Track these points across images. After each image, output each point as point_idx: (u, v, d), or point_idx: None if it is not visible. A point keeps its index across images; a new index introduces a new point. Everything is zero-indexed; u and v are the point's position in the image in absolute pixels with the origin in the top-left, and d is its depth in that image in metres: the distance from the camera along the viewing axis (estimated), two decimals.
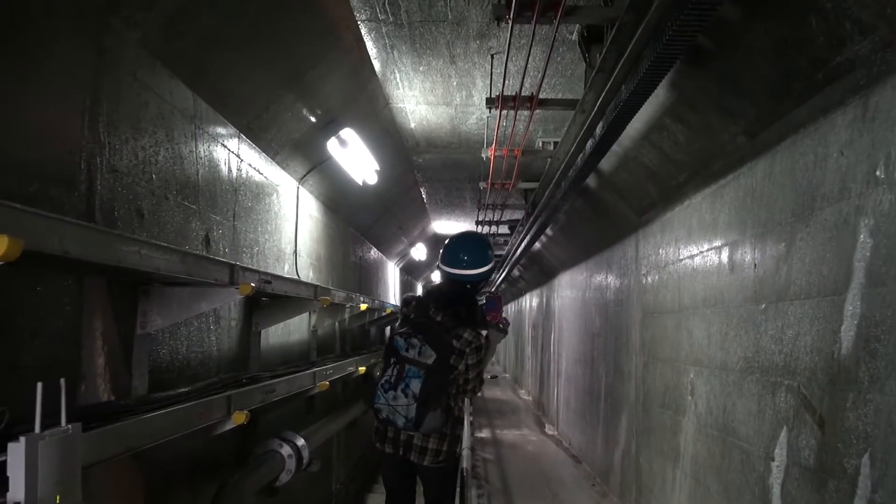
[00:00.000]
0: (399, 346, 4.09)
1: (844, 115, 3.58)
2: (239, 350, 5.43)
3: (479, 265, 4.37)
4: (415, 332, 4.11)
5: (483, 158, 8.20)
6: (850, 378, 3.47)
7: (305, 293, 5.49)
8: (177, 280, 3.41)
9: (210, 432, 3.64)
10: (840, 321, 3.57)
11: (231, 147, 5.28)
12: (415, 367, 4.01)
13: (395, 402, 4.00)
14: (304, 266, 7.59)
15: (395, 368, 4.06)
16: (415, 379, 3.99)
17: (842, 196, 3.59)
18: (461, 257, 4.36)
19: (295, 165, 6.90)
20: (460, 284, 4.37)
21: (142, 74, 3.73)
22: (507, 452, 12.03)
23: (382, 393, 4.05)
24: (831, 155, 3.70)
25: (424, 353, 4.03)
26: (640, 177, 6.57)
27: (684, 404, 5.91)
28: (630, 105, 4.25)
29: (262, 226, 6.12)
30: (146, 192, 3.80)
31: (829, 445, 3.65)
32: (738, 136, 4.72)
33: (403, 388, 4.00)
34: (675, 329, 6.21)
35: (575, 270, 12.02)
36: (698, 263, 5.65)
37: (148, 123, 3.84)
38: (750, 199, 4.68)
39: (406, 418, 4.01)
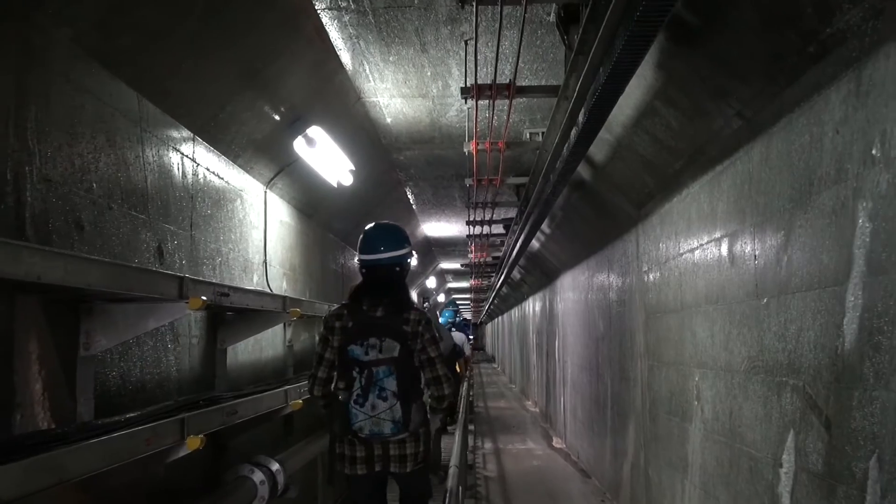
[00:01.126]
0: (357, 355, 4.15)
1: (838, 91, 3.57)
2: (202, 370, 5.41)
3: (401, 245, 4.53)
4: (367, 335, 4.19)
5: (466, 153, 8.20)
6: (854, 375, 3.46)
7: (272, 305, 5.47)
8: (120, 296, 3.39)
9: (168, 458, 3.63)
10: (842, 313, 3.56)
11: (185, 150, 5.26)
12: (383, 367, 4.12)
13: (375, 410, 4.10)
14: (275, 276, 7.57)
15: (362, 378, 4.13)
16: (387, 378, 4.11)
17: (839, 178, 3.57)
18: (383, 241, 4.52)
19: (260, 168, 6.89)
20: (388, 269, 4.47)
21: (76, 75, 3.72)
22: (511, 468, 12.01)
23: (359, 409, 4.11)
24: (826, 134, 3.69)
25: (387, 348, 4.15)
26: (636, 167, 6.56)
27: (691, 410, 5.89)
28: (610, 89, 4.24)
29: (224, 234, 6.10)
30: (86, 203, 3.79)
31: (836, 448, 3.64)
32: (733, 118, 4.71)
33: (379, 393, 4.10)
34: (678, 329, 6.20)
35: (576, 270, 12.02)
36: (699, 257, 5.64)
37: (85, 128, 3.83)
38: (748, 186, 4.67)
39: (393, 422, 4.11)
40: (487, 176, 9.34)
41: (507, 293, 27.81)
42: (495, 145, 7.60)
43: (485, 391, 28.15)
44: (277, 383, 6.35)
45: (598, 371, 10.15)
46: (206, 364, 5.49)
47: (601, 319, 9.78)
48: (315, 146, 7.16)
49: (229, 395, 4.96)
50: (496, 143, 7.58)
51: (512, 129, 9.23)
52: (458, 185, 12.88)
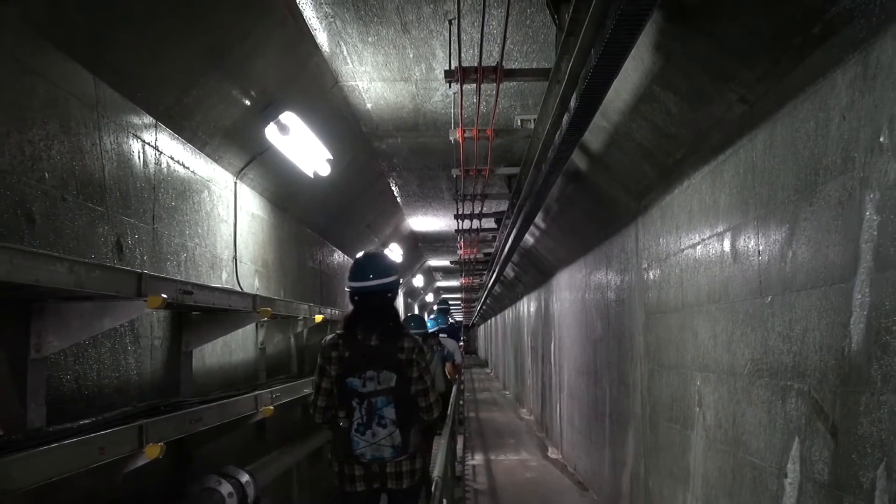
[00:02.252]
0: (356, 386, 4.69)
1: (844, 75, 3.60)
2: (166, 373, 5.41)
3: (389, 273, 5.04)
4: (364, 366, 4.71)
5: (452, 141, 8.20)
6: (861, 377, 3.49)
7: (241, 304, 5.48)
8: (74, 294, 3.40)
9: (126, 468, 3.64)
10: (849, 312, 3.59)
11: (146, 138, 5.26)
12: (382, 397, 4.67)
13: (376, 437, 4.65)
14: (246, 274, 7.58)
15: (363, 408, 4.67)
16: (386, 407, 4.67)
17: (845, 167, 3.61)
18: (373, 268, 5.02)
19: (230, 157, 6.89)
20: (379, 296, 4.97)
21: (25, 56, 3.72)
22: (503, 481, 12.04)
23: (360, 437, 4.65)
24: (833, 120, 3.72)
25: (385, 379, 4.69)
26: (635, 156, 6.59)
27: (692, 416, 5.93)
28: (603, 71, 4.26)
29: (190, 228, 6.11)
30: (37, 194, 3.80)
31: (843, 457, 3.67)
32: (735, 103, 4.74)
33: (378, 421, 4.66)
34: (679, 330, 6.23)
35: (573, 268, 12.05)
36: (701, 253, 5.67)
37: (36, 113, 3.83)
38: (751, 176, 4.70)
39: (392, 447, 4.67)
40: (476, 166, 9.36)
41: (501, 293, 27.83)
42: (483, 133, 7.62)
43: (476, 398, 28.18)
44: (248, 388, 6.36)
45: (595, 376, 10.19)
46: (170, 367, 5.49)
47: (599, 320, 9.81)
48: (289, 133, 7.15)
49: (194, 401, 4.97)
50: (484, 131, 7.60)
51: (501, 116, 9.24)
52: (444, 176, 12.89)
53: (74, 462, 3.00)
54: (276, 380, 7.55)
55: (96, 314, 3.63)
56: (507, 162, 11.14)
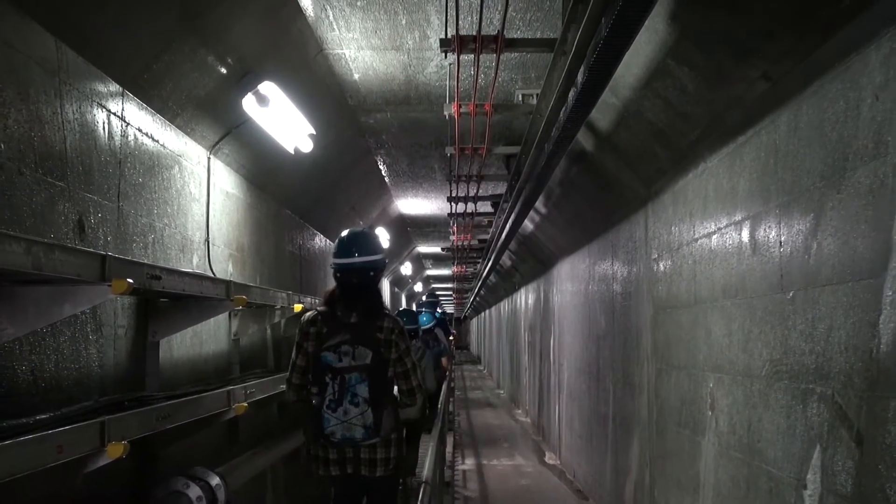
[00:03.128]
0: (331, 361, 4.94)
1: (878, 51, 3.59)
2: (130, 366, 5.40)
3: (374, 251, 5.33)
4: (340, 341, 4.97)
5: (446, 117, 8.17)
6: (890, 381, 3.49)
7: (214, 291, 5.46)
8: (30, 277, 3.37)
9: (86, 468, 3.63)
10: (878, 310, 3.59)
11: (112, 107, 5.23)
12: (356, 373, 4.92)
13: (348, 416, 4.89)
14: (220, 258, 7.56)
15: (335, 384, 4.91)
16: (360, 384, 4.91)
17: (878, 152, 3.60)
18: (357, 245, 5.29)
19: (203, 130, 6.86)
20: (363, 274, 5.24)
21: None
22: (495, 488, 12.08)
23: (331, 414, 4.90)
24: (864, 101, 3.71)
25: (360, 356, 4.94)
26: (646, 136, 6.58)
27: (703, 421, 5.94)
28: (614, 43, 4.25)
29: (159, 207, 6.09)
30: None
31: (868, 467, 3.68)
32: (757, 81, 4.73)
33: (351, 399, 4.90)
34: (691, 327, 6.24)
35: (576, 257, 12.06)
36: (716, 243, 5.68)
37: None
38: (773, 160, 4.70)
39: (364, 427, 4.90)
40: (472, 144, 9.34)
41: (496, 283, 27.84)
42: (481, 108, 7.59)
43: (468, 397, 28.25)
44: (220, 383, 6.34)
45: (598, 375, 10.21)
46: (135, 359, 5.47)
47: (603, 315, 9.82)
48: (268, 105, 7.12)
49: (161, 396, 4.95)
50: (482, 106, 7.57)
51: (501, 90, 9.21)
52: (437, 155, 12.86)
53: (29, 461, 2.98)
54: (251, 374, 7.53)
55: (55, 299, 3.60)
56: (507, 140, 11.11)
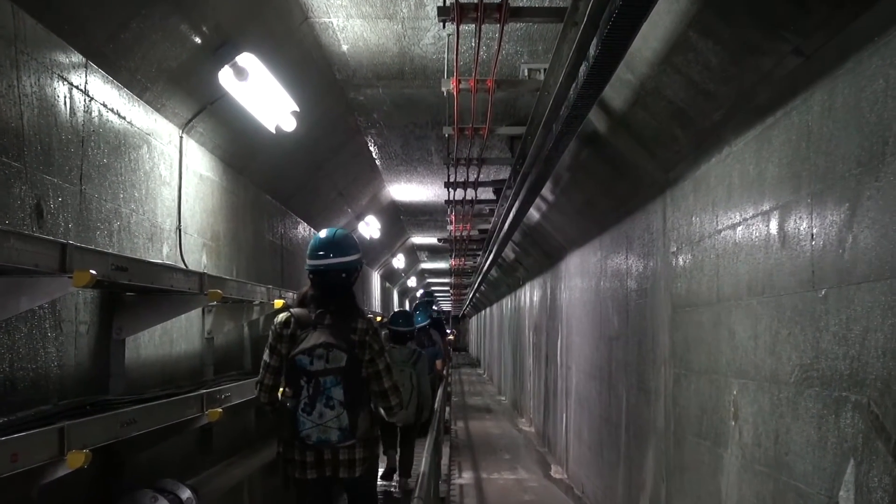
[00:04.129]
0: (304, 364, 5.21)
1: None
2: (93, 366, 5.40)
3: (349, 252, 5.65)
4: (314, 344, 5.23)
5: (444, 93, 8.15)
6: None
7: (186, 284, 5.46)
8: None
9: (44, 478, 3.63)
10: None
11: (74, 80, 5.22)
12: (331, 377, 5.20)
13: (323, 419, 5.18)
14: (193, 248, 7.56)
15: (309, 387, 5.19)
16: (334, 387, 5.20)
17: None
18: (331, 247, 5.63)
19: (175, 106, 6.85)
20: (335, 275, 5.58)
21: None
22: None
23: (306, 417, 5.18)
24: None
25: (334, 358, 5.22)
26: (664, 116, 6.58)
27: (726, 432, 5.95)
28: (630, 12, 4.24)
29: (126, 191, 6.08)
30: None
31: None
32: (788, 56, 4.73)
33: (326, 402, 5.19)
34: (712, 328, 6.24)
35: (586, 250, 12.06)
36: (741, 235, 5.68)
37: None
38: (805, 144, 4.70)
39: (339, 429, 5.20)
40: (472, 124, 9.31)
41: (498, 278, 27.85)
42: (482, 84, 7.57)
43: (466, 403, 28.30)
44: (192, 386, 6.34)
45: (610, 380, 10.21)
46: (99, 359, 5.47)
47: (616, 314, 9.82)
48: (247, 79, 7.10)
49: (127, 400, 4.95)
50: (483, 82, 7.55)
51: (504, 64, 9.20)
52: (434, 136, 12.84)
53: None
54: (226, 377, 7.53)
55: (10, 292, 3.60)
56: (511, 120, 11.09)
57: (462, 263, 27.16)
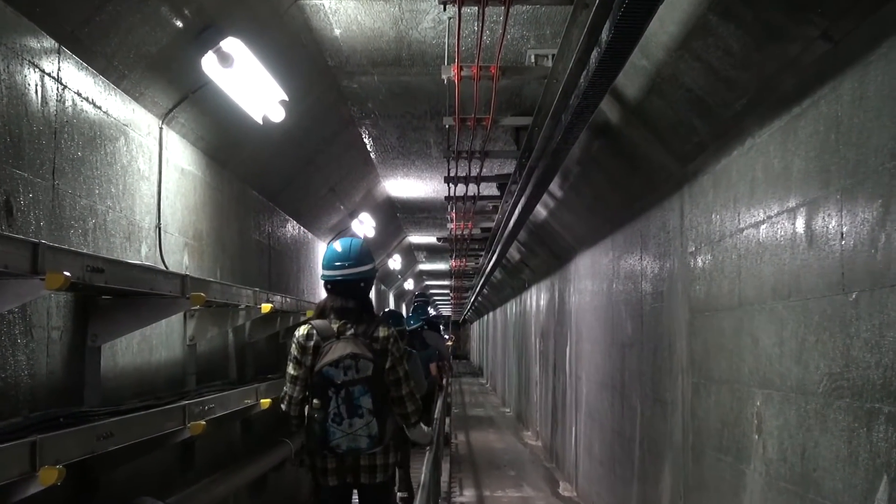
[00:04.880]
0: (333, 376, 5.81)
1: None
2: (67, 375, 5.39)
3: (364, 262, 6.29)
4: (341, 355, 5.81)
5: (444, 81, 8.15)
6: None
7: (167, 287, 5.46)
8: None
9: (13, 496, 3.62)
10: None
11: (46, 67, 5.22)
12: (359, 386, 5.81)
13: (353, 427, 5.80)
14: (173, 248, 7.56)
15: (338, 398, 5.79)
16: (363, 396, 5.81)
17: None
18: (347, 257, 6.22)
19: (154, 95, 6.85)
20: (352, 285, 6.22)
21: None
22: None
23: (336, 427, 5.79)
24: None
25: (362, 368, 5.84)
26: (682, 106, 6.58)
27: (748, 446, 5.95)
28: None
29: (101, 187, 6.08)
30: None
31: None
32: (816, 41, 4.73)
33: (355, 411, 5.80)
34: (734, 334, 6.24)
35: (597, 250, 12.06)
36: (765, 234, 5.68)
37: None
38: (834, 136, 4.69)
39: (369, 437, 5.83)
40: (475, 114, 9.31)
41: (501, 280, 27.86)
42: (486, 71, 7.57)
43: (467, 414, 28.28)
44: (173, 397, 6.34)
45: (623, 390, 10.21)
46: (72, 367, 5.46)
47: (629, 319, 9.82)
48: (232, 66, 7.09)
49: (103, 412, 4.95)
50: (487, 69, 7.55)
51: (510, 50, 9.20)
52: (433, 127, 12.84)
53: None
54: (210, 387, 7.53)
55: None
56: (516, 110, 11.09)
57: (463, 265, 27.17)
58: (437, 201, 18.87)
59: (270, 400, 7.74)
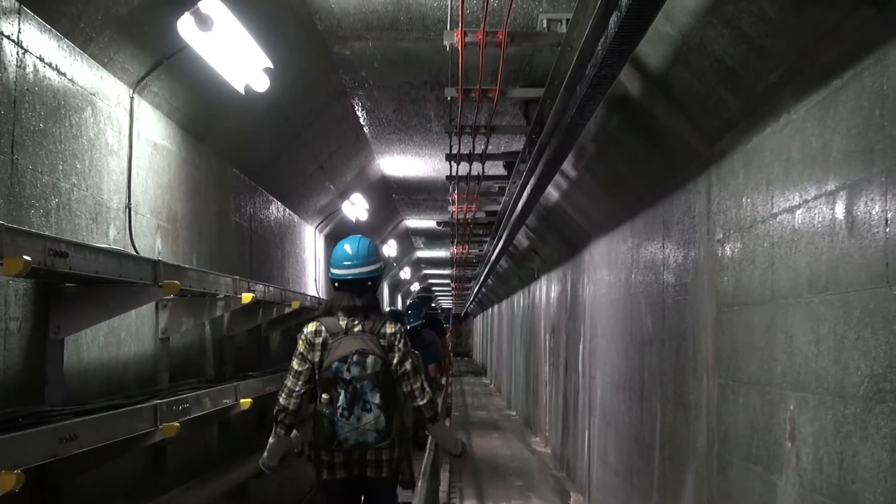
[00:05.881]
0: (341, 371, 6.44)
1: None
2: (26, 371, 5.40)
3: (372, 261, 6.94)
4: (349, 352, 6.45)
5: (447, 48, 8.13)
6: None
7: (137, 274, 5.46)
8: None
9: None
10: None
11: (6, 29, 5.22)
12: (367, 382, 6.44)
13: (360, 422, 6.40)
14: (145, 230, 7.57)
15: (347, 393, 6.41)
16: (371, 391, 6.44)
17: None
18: (355, 257, 6.87)
19: (125, 61, 6.84)
20: (362, 283, 6.88)
21: None
22: None
23: (345, 421, 6.40)
24: None
25: (370, 365, 6.48)
26: (710, 77, 6.58)
27: (780, 455, 5.96)
28: None
29: (65, 162, 6.08)
30: None
31: None
32: (860, 5, 4.72)
33: (363, 406, 6.41)
34: (765, 330, 6.24)
35: (614, 237, 12.05)
36: (802, 220, 5.67)
37: None
38: (879, 112, 4.69)
39: (377, 431, 6.44)
40: (480, 85, 9.29)
41: (508, 269, 27.86)
42: (493, 37, 7.55)
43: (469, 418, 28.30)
44: (143, 396, 6.35)
45: (641, 392, 10.22)
46: (32, 362, 5.48)
47: (649, 313, 9.83)
48: (211, 29, 7.07)
49: (67, 412, 4.96)
50: (494, 34, 7.53)
51: (519, 13, 9.19)
52: (434, 99, 12.84)
53: None
54: (184, 385, 7.54)
55: None
56: (526, 80, 11.08)
57: (466, 252, 27.14)
58: (438, 181, 18.87)
59: (251, 400, 7.76)
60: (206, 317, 8.01)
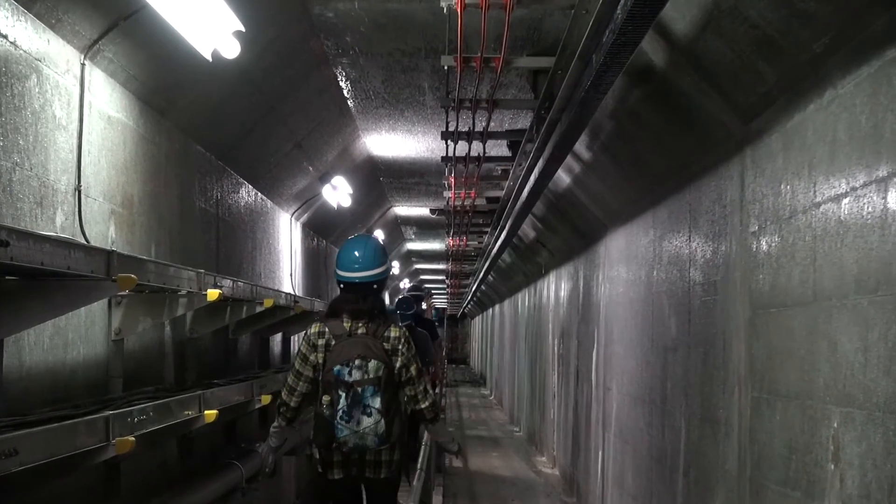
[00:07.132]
0: (343, 374, 7.06)
1: None
2: None
3: (379, 263, 7.60)
4: (351, 355, 7.10)
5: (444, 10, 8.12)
6: None
7: (87, 266, 5.43)
8: None
9: None
10: None
11: None
12: (369, 386, 7.06)
13: (360, 426, 7.01)
14: (97, 216, 7.56)
15: (348, 397, 7.03)
16: (373, 396, 7.06)
17: None
18: (362, 259, 7.50)
19: (75, 22, 6.84)
20: (368, 286, 7.50)
21: None
22: None
23: (344, 424, 7.01)
24: None
25: (372, 368, 7.10)
26: (745, 46, 6.57)
27: (822, 478, 5.95)
28: None
29: (6, 138, 6.08)
30: None
31: None
32: None
33: (363, 410, 7.03)
34: (806, 336, 6.24)
35: (634, 227, 12.05)
36: (849, 211, 5.67)
37: None
38: None
39: (376, 436, 7.06)
40: (482, 53, 9.30)
41: (512, 265, 27.89)
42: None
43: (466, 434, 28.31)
44: (94, 406, 6.34)
45: (663, 406, 10.23)
46: None
47: (673, 315, 9.83)
48: None
49: (5, 423, 4.95)
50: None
51: None
52: (429, 68, 12.85)
53: None
54: (140, 394, 7.53)
55: None
56: (533, 48, 11.09)
57: (463, 244, 27.15)
58: (432, 163, 18.88)
59: (217, 412, 7.76)
60: (165, 316, 7.99)
